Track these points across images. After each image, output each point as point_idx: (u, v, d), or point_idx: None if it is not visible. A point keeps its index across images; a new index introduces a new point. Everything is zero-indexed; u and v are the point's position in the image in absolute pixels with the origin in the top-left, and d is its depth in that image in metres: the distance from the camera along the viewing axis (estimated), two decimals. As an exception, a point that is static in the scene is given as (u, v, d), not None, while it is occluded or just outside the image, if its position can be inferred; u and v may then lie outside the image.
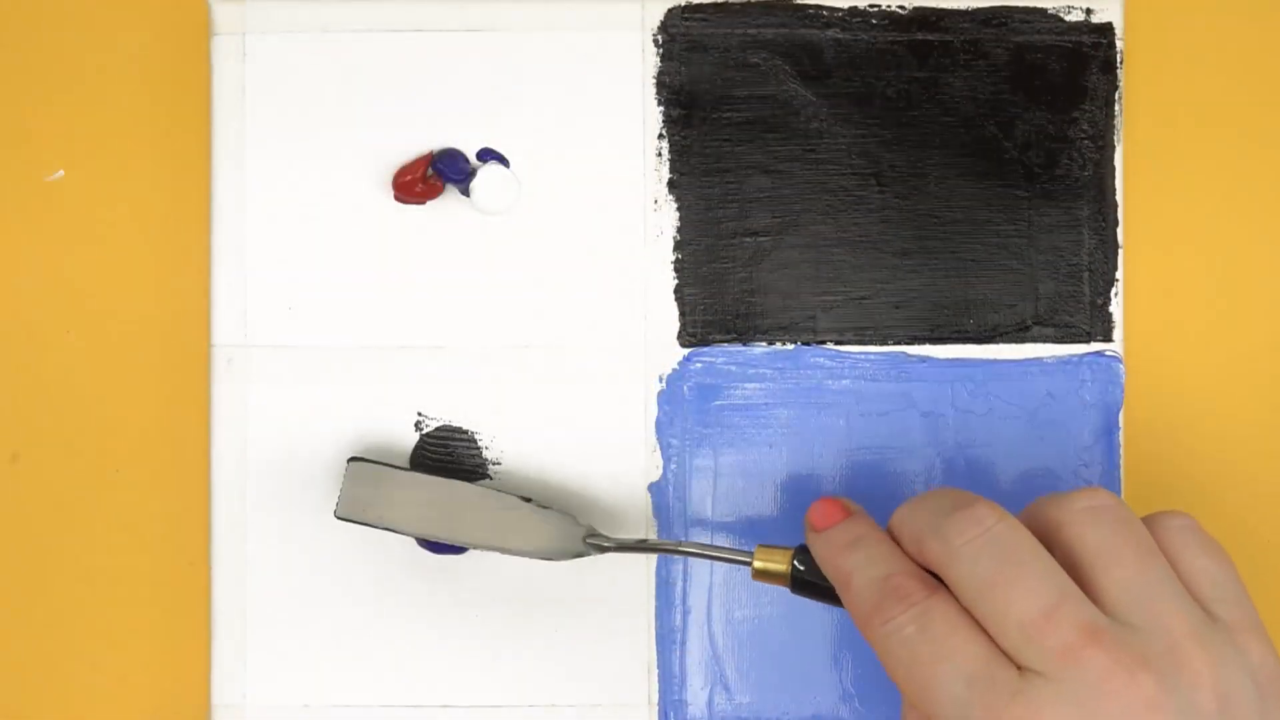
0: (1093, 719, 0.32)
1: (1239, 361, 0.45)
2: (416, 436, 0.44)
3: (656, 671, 0.44)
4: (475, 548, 0.43)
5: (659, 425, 0.44)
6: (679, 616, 0.44)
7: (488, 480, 0.44)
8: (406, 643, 0.44)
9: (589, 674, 0.44)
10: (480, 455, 0.44)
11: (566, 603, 0.44)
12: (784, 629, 0.44)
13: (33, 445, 0.45)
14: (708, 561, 0.44)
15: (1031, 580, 0.34)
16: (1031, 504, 0.38)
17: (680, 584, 0.44)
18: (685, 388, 0.44)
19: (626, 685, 0.44)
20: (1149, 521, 0.37)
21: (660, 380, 0.44)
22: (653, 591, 0.44)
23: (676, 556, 0.44)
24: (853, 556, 0.37)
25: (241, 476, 0.44)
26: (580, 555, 0.42)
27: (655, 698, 0.44)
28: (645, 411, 0.44)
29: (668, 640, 0.44)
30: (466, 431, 0.44)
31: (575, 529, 0.42)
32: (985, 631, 0.35)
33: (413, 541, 0.44)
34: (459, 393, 0.44)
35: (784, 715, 0.44)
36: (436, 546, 0.44)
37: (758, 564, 0.40)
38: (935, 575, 0.36)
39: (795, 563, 0.39)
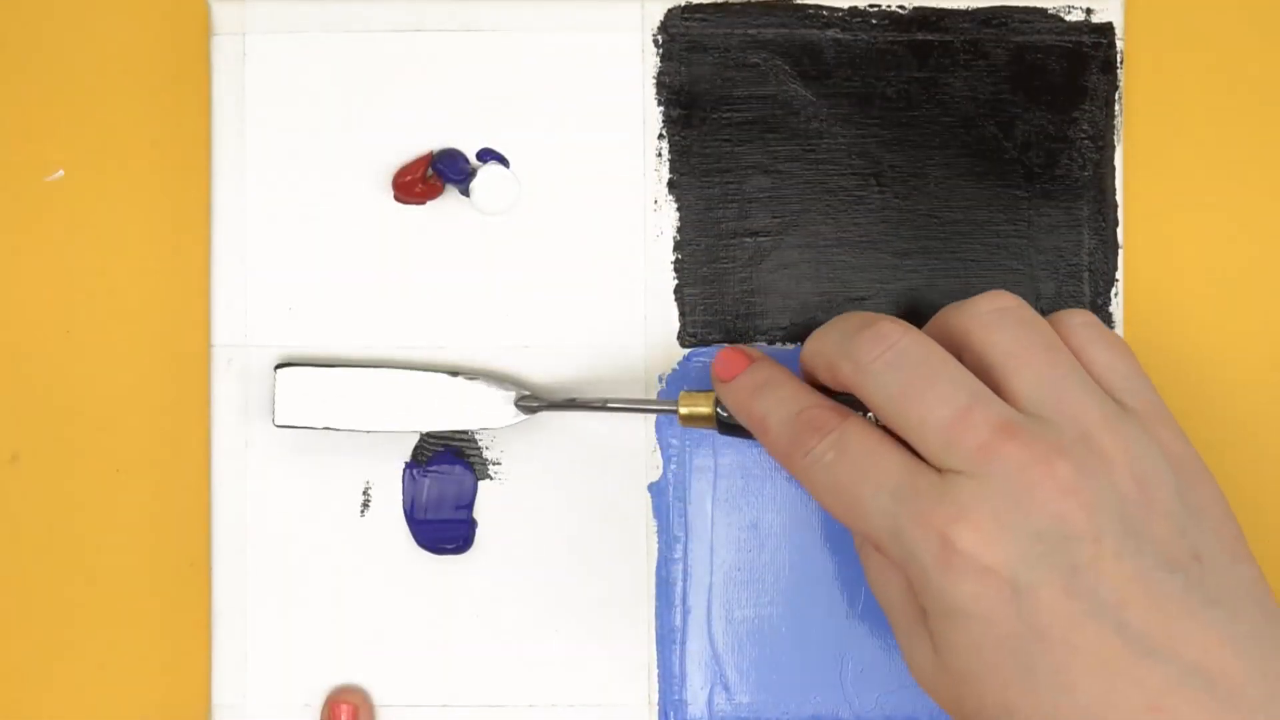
0: (1014, 509, 0.33)
1: (1240, 361, 0.45)
2: (417, 436, 0.44)
3: (656, 671, 0.44)
4: (418, 430, 0.43)
5: (659, 425, 0.44)
6: (679, 616, 0.44)
7: (418, 362, 0.44)
8: (406, 643, 0.44)
9: (589, 674, 0.44)
10: (481, 455, 0.44)
11: (566, 603, 0.44)
12: (784, 629, 0.44)
13: (33, 445, 0.45)
14: (709, 552, 0.44)
15: (942, 386, 0.35)
16: (936, 315, 0.39)
17: (680, 584, 0.44)
18: (685, 388, 0.44)
19: (626, 685, 0.44)
20: (1051, 321, 0.38)
21: (660, 380, 0.44)
22: (652, 591, 0.44)
23: (604, 413, 0.43)
24: (763, 400, 0.38)
25: (241, 477, 0.44)
26: (516, 420, 0.43)
27: (655, 697, 0.44)
28: (645, 412, 0.44)
29: (668, 640, 0.44)
30: (467, 431, 0.44)
31: (506, 394, 0.43)
32: (903, 445, 0.36)
33: (413, 542, 0.44)
34: (459, 393, 0.44)
35: (784, 715, 0.44)
36: (436, 547, 0.44)
37: (683, 410, 0.41)
38: (855, 403, 0.38)
39: (718, 406, 0.40)
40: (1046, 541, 0.33)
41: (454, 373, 0.43)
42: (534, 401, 0.43)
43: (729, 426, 0.41)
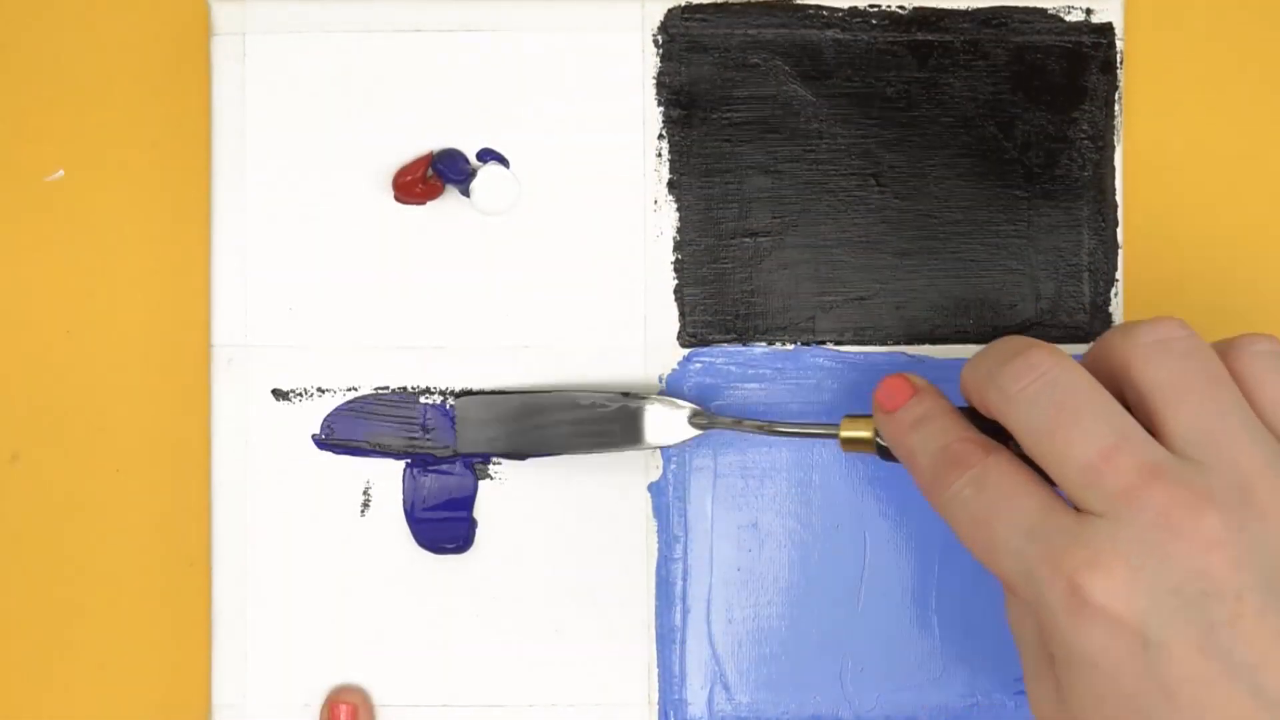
0: (1152, 558, 0.31)
1: (1239, 361, 0.45)
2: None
3: (656, 671, 0.44)
4: (595, 452, 0.43)
5: (659, 425, 0.44)
6: (679, 616, 0.44)
7: (578, 386, 0.44)
8: (406, 643, 0.44)
9: (589, 673, 0.44)
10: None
11: (566, 603, 0.44)
12: (784, 629, 0.44)
13: (32, 445, 0.45)
14: (709, 552, 0.44)
15: (1088, 421, 0.33)
16: (1099, 340, 0.36)
17: (680, 583, 0.44)
18: (685, 388, 0.44)
19: (626, 685, 0.44)
20: (1229, 346, 0.35)
21: (660, 380, 0.44)
22: (653, 591, 0.44)
23: (771, 438, 0.43)
24: (916, 435, 0.37)
25: (242, 476, 0.44)
26: (688, 437, 0.43)
27: (655, 697, 0.44)
28: (645, 412, 0.44)
29: (667, 640, 0.44)
30: None
31: (679, 412, 0.43)
32: (1044, 484, 0.34)
33: (413, 541, 0.44)
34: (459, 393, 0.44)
35: (784, 715, 0.44)
36: (436, 546, 0.44)
37: (844, 434, 0.40)
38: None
39: (878, 435, 0.39)
40: (1183, 596, 0.31)
41: (626, 393, 0.43)
42: (704, 419, 0.43)
43: (888, 452, 0.39)
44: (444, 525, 0.44)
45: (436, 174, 0.44)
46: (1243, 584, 0.31)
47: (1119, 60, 0.44)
